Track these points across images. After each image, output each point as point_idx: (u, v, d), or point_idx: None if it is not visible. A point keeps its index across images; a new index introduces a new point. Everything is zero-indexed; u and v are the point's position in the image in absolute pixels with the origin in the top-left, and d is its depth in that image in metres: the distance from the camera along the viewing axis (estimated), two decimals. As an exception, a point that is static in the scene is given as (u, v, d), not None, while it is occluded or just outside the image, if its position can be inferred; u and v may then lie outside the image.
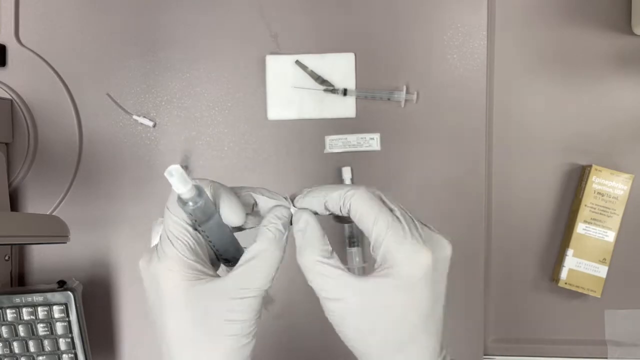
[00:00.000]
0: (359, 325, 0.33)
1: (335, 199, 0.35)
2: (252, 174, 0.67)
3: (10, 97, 0.67)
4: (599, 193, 0.64)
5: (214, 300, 0.32)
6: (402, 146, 0.66)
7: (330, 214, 0.36)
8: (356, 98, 0.66)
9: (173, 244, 0.33)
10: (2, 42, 0.67)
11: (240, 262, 0.33)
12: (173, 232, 0.33)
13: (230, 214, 0.34)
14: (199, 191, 0.31)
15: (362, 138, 0.66)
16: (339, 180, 0.66)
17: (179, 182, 0.29)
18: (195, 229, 0.33)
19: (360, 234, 0.66)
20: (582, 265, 0.64)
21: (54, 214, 0.67)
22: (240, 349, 0.33)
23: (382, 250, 0.33)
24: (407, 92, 0.65)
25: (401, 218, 0.33)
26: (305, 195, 0.36)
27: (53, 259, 0.68)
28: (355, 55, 0.66)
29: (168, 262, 0.32)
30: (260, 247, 0.33)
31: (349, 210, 0.34)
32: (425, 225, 0.35)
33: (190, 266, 0.32)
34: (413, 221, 0.34)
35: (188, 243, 0.33)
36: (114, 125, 0.68)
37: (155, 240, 0.65)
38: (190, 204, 0.31)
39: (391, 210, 0.34)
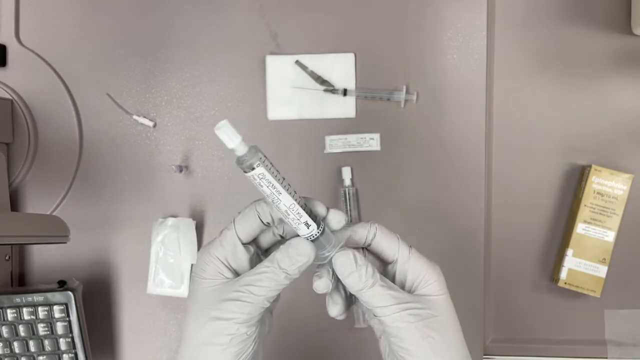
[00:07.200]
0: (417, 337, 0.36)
1: (362, 232, 0.39)
2: (252, 174, 0.67)
3: (11, 97, 0.67)
4: (598, 193, 0.64)
5: (212, 298, 0.36)
6: (402, 146, 0.66)
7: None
8: (356, 98, 0.66)
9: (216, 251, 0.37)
10: (2, 42, 0.67)
11: (251, 271, 0.36)
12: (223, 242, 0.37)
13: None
14: (254, 149, 0.33)
15: (362, 138, 0.66)
16: (339, 180, 0.66)
17: (227, 137, 0.31)
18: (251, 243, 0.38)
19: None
20: (582, 265, 0.64)
21: (54, 214, 0.68)
22: (233, 349, 0.35)
23: (411, 270, 0.38)
24: (407, 92, 0.65)
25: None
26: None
27: (53, 259, 0.68)
28: (355, 55, 0.66)
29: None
30: (272, 268, 0.35)
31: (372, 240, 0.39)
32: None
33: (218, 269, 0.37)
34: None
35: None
36: (114, 126, 0.68)
37: (156, 239, 0.66)
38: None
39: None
